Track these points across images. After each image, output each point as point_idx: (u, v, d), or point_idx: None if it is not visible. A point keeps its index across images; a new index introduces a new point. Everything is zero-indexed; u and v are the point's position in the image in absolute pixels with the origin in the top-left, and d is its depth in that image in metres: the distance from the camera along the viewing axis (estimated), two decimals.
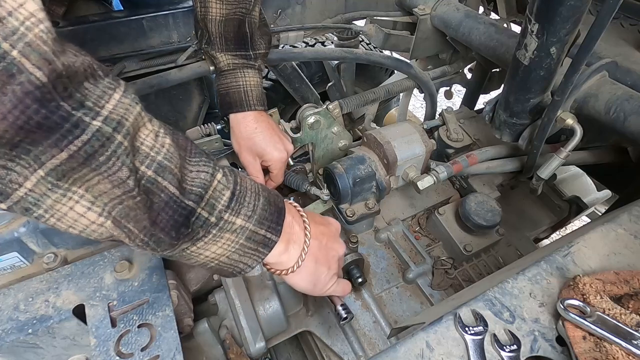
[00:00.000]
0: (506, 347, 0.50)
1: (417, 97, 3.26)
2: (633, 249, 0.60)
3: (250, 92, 0.92)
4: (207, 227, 0.50)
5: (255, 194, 0.55)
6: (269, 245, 0.57)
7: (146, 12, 1.05)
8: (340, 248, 0.70)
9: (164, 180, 0.45)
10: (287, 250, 0.60)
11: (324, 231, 0.67)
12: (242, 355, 0.80)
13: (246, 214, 0.53)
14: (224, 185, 0.51)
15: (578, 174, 1.33)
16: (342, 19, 1.33)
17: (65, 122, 0.36)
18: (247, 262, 0.57)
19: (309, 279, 0.65)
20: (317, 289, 0.67)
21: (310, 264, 0.63)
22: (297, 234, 0.61)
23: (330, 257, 0.67)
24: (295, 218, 0.62)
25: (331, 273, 0.68)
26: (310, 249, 0.62)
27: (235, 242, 0.53)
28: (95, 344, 0.55)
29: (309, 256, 0.62)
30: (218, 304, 0.85)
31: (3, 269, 0.67)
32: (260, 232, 0.55)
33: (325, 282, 0.67)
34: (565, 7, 0.68)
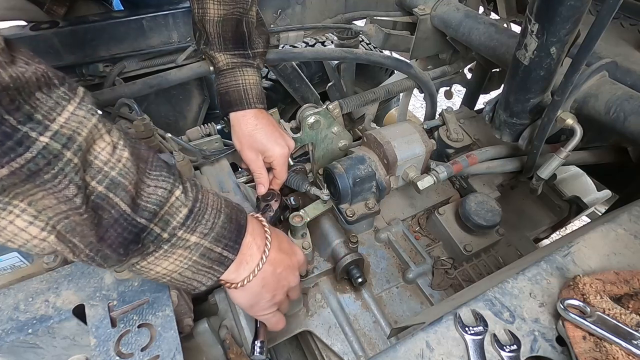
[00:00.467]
0: (506, 347, 0.50)
1: (417, 97, 3.26)
2: (633, 249, 0.60)
3: (249, 90, 0.93)
4: (158, 243, 0.49)
5: (217, 210, 0.54)
6: (225, 263, 0.56)
7: (146, 12, 1.05)
8: (293, 281, 0.69)
9: (116, 197, 0.43)
10: (237, 270, 0.59)
11: (283, 259, 0.65)
12: (242, 355, 0.80)
13: (202, 232, 0.52)
14: (181, 203, 0.49)
15: (578, 174, 1.33)
16: (342, 19, 1.33)
17: (8, 138, 0.34)
18: (201, 280, 0.55)
19: (249, 298, 0.64)
20: (252, 311, 0.67)
21: (256, 286, 0.62)
22: (252, 256, 0.60)
23: (279, 287, 0.66)
24: (256, 239, 0.61)
25: (273, 301, 0.67)
26: (261, 273, 0.61)
27: (188, 259, 0.52)
28: (95, 344, 0.55)
29: (257, 279, 0.61)
30: (218, 304, 0.85)
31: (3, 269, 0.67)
32: (216, 249, 0.54)
33: (263, 308, 0.66)
34: (565, 7, 0.68)
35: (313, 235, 0.95)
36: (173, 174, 0.50)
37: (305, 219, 0.90)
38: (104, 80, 1.07)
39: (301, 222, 0.89)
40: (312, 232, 0.95)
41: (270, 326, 0.72)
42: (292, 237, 0.93)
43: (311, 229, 0.95)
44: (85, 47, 1.01)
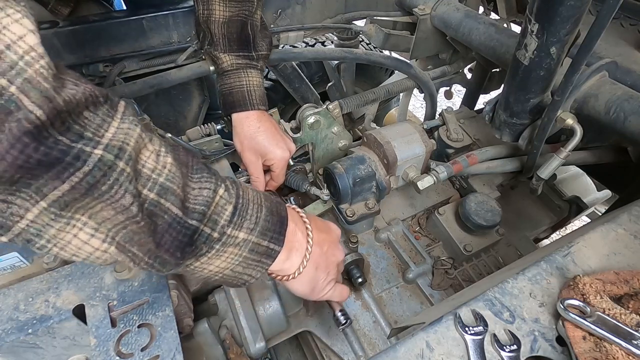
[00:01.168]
0: (506, 347, 0.50)
1: (417, 97, 3.26)
2: (633, 249, 0.60)
3: (253, 91, 0.93)
4: (210, 243, 0.50)
5: (258, 205, 0.55)
6: (272, 255, 0.57)
7: (146, 12, 1.05)
8: (340, 254, 0.70)
9: (167, 202, 0.44)
10: (289, 258, 0.60)
11: (325, 238, 0.67)
12: (242, 355, 0.80)
13: (249, 227, 0.53)
14: (226, 200, 0.50)
15: (578, 174, 1.33)
16: (342, 19, 1.33)
17: (66, 155, 0.35)
18: (251, 273, 0.57)
19: (307, 284, 0.65)
20: (314, 294, 0.67)
21: (310, 270, 0.63)
22: (299, 242, 0.61)
23: (330, 263, 0.67)
24: (298, 225, 0.62)
25: (329, 278, 0.68)
26: (312, 256, 0.62)
27: (238, 255, 0.53)
28: (95, 344, 0.55)
29: (310, 263, 0.62)
30: (218, 304, 0.84)
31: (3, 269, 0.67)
32: (263, 243, 0.55)
33: (322, 287, 0.67)
34: (565, 7, 0.68)
35: None
36: (214, 174, 0.51)
37: None
38: (104, 80, 1.07)
39: None
40: None
41: (338, 299, 0.74)
42: None
43: None
44: (85, 47, 1.01)
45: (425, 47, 1.33)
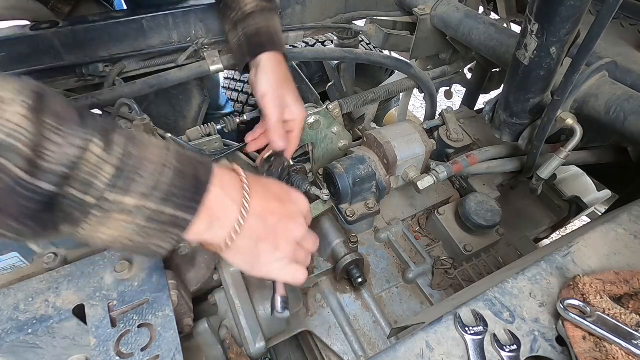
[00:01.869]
0: (506, 347, 0.50)
1: (417, 97, 3.26)
2: (633, 249, 0.60)
3: (278, 34, 0.89)
4: (83, 208, 0.43)
5: (161, 166, 0.47)
6: (182, 225, 0.49)
7: (146, 12, 1.05)
8: (298, 230, 0.61)
9: (6, 161, 0.38)
10: (211, 229, 0.52)
11: (274, 209, 0.58)
12: (242, 355, 0.80)
13: (141, 192, 0.45)
14: (102, 160, 0.43)
15: (578, 174, 1.33)
16: (342, 19, 1.33)
17: None
18: (159, 243, 0.49)
19: (245, 259, 0.58)
20: (256, 270, 0.60)
21: (246, 244, 0.56)
22: (226, 211, 0.53)
23: (280, 238, 0.59)
24: (229, 192, 0.53)
25: (279, 255, 0.60)
26: (247, 228, 0.54)
27: (132, 224, 0.46)
28: (95, 344, 0.55)
29: (244, 235, 0.54)
30: (218, 304, 0.85)
31: (3, 269, 0.67)
32: (166, 211, 0.47)
33: (268, 263, 0.59)
34: (565, 7, 0.68)
35: None
36: (92, 127, 0.43)
37: None
38: (104, 80, 1.07)
39: None
40: None
41: (289, 280, 0.64)
42: None
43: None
44: (85, 47, 1.01)
45: (425, 47, 1.33)
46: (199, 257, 0.78)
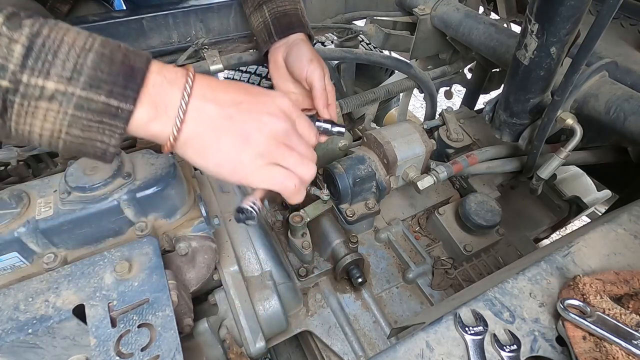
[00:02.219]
0: (506, 347, 0.50)
1: (417, 97, 3.26)
2: (633, 249, 0.60)
3: (305, 16, 0.88)
4: (2, 94, 0.41)
5: (81, 49, 0.43)
6: (121, 115, 0.45)
7: (146, 12, 1.05)
8: (274, 122, 0.53)
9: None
10: (154, 119, 0.48)
11: (236, 98, 0.52)
12: (242, 355, 0.80)
13: (62, 75, 0.42)
14: (8, 38, 0.40)
15: (578, 174, 1.33)
16: (342, 19, 1.33)
17: None
18: (101, 139, 0.46)
19: (207, 154, 0.51)
20: (223, 170, 0.52)
21: (199, 131, 0.50)
22: (167, 95, 0.48)
23: (250, 130, 0.51)
24: (169, 77, 0.48)
25: (250, 151, 0.52)
26: (195, 115, 0.49)
27: (63, 113, 0.43)
28: (95, 344, 0.55)
29: (193, 123, 0.49)
30: (218, 304, 0.85)
31: (3, 269, 0.67)
32: (97, 98, 0.44)
33: (237, 162, 0.52)
34: (565, 7, 0.68)
35: (313, 235, 0.95)
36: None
37: (305, 219, 0.90)
38: None
39: (301, 222, 0.89)
40: (312, 232, 0.95)
41: (271, 186, 0.55)
42: (292, 237, 0.93)
43: (311, 229, 0.95)
44: None
45: (425, 47, 1.33)
46: (199, 257, 0.78)
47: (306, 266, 0.95)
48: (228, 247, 0.86)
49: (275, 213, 1.08)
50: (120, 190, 0.68)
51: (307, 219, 0.90)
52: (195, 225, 0.77)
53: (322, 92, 0.77)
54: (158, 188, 0.70)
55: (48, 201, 0.68)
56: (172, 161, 0.74)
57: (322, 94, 0.77)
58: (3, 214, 0.65)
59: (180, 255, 0.75)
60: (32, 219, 0.65)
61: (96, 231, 0.70)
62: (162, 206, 0.73)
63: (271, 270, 0.87)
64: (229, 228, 0.90)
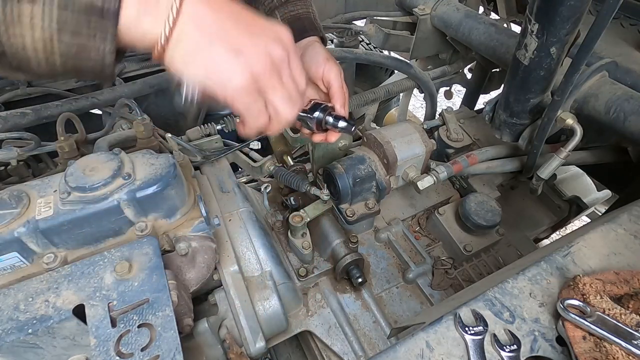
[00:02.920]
0: (506, 347, 0.50)
1: (417, 97, 3.26)
2: (633, 249, 0.60)
3: (317, 20, 0.89)
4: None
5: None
6: (107, 17, 0.43)
7: None
8: (271, 45, 0.50)
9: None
10: (144, 15, 0.45)
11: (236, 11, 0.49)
12: (242, 355, 0.80)
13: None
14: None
15: (578, 174, 1.33)
16: (342, 19, 1.33)
17: None
18: (93, 44, 0.44)
19: (197, 61, 0.48)
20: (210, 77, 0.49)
21: (191, 35, 0.47)
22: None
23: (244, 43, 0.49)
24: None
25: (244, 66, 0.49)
26: (192, 15, 0.46)
27: (48, 15, 0.41)
28: (95, 344, 0.55)
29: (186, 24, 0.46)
30: (218, 304, 0.85)
31: (3, 269, 0.67)
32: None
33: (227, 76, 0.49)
34: (565, 7, 0.68)
35: (313, 235, 0.95)
36: None
37: (305, 219, 0.90)
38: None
39: (301, 222, 0.89)
40: (312, 232, 0.95)
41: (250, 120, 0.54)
42: (292, 237, 0.93)
43: (311, 229, 0.95)
44: None
45: (425, 47, 1.34)
46: (199, 257, 0.78)
47: (306, 266, 0.95)
48: (228, 247, 0.86)
49: (275, 213, 1.08)
50: (120, 190, 0.68)
51: (307, 219, 0.90)
52: (195, 225, 0.77)
53: (340, 90, 0.75)
54: (158, 188, 0.70)
55: (48, 201, 0.68)
56: (172, 161, 0.74)
57: (341, 92, 0.75)
58: (3, 214, 0.65)
59: (180, 255, 0.75)
60: (32, 219, 0.65)
61: (96, 231, 0.70)
62: (162, 206, 0.73)
63: (271, 270, 0.87)
64: (229, 228, 0.90)
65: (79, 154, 0.93)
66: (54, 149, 0.92)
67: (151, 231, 0.72)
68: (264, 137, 1.00)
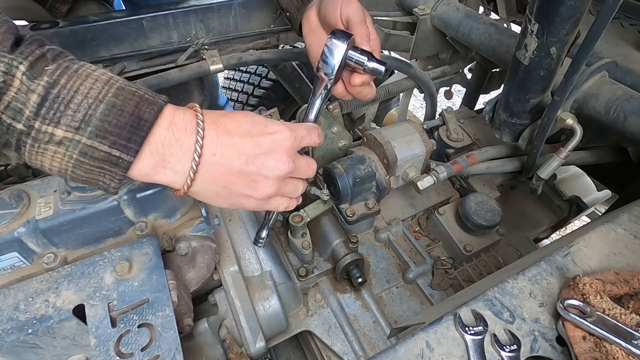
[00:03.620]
0: (506, 347, 0.50)
1: (417, 97, 3.26)
2: (633, 249, 0.60)
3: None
4: (16, 135, 0.45)
5: (94, 100, 0.45)
6: (120, 164, 0.48)
7: (146, 12, 1.05)
8: (277, 166, 0.56)
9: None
10: (160, 172, 0.51)
11: (242, 149, 0.54)
12: (242, 355, 0.80)
13: (71, 125, 0.45)
14: (27, 88, 0.43)
15: (578, 174, 1.33)
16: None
17: None
18: (102, 180, 0.49)
19: (217, 200, 0.57)
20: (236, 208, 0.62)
21: (209, 187, 0.54)
22: (175, 155, 0.50)
23: (256, 179, 0.56)
24: (178, 134, 0.50)
25: (257, 195, 0.57)
26: (206, 174, 0.52)
27: (68, 157, 0.46)
28: (95, 344, 0.55)
29: (204, 181, 0.53)
30: (218, 304, 0.85)
31: (3, 269, 0.67)
32: (100, 148, 0.46)
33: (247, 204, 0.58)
34: (565, 7, 0.68)
35: (313, 235, 0.95)
36: (23, 54, 0.43)
37: (305, 219, 0.90)
38: None
39: (301, 222, 0.89)
40: (312, 232, 0.95)
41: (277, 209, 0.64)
42: (292, 237, 0.93)
43: (311, 229, 0.95)
44: (85, 47, 1.01)
45: (425, 47, 1.33)
46: (199, 257, 0.78)
47: (306, 266, 0.95)
48: (228, 247, 0.86)
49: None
50: (120, 190, 0.68)
51: (307, 219, 0.90)
52: (195, 225, 0.77)
53: (363, 25, 0.71)
54: (158, 188, 0.70)
55: (48, 201, 0.68)
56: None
57: (363, 26, 0.71)
58: (3, 214, 0.65)
59: (180, 255, 0.75)
60: (32, 219, 0.65)
61: (96, 231, 0.70)
62: (162, 206, 0.73)
63: (271, 270, 0.87)
64: (229, 228, 0.90)
65: None
66: None
67: (151, 231, 0.72)
68: None
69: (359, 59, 0.63)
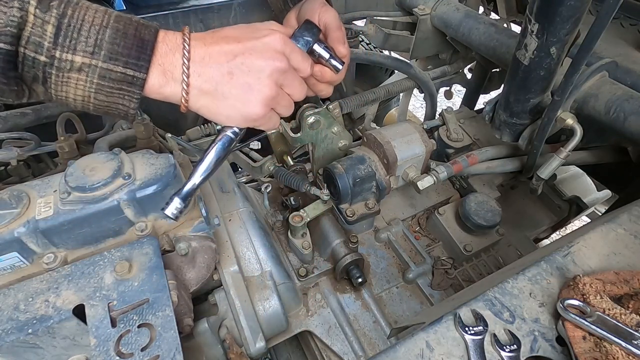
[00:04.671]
0: (506, 347, 0.50)
1: (417, 97, 3.26)
2: (633, 249, 0.60)
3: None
4: (41, 67, 0.49)
5: (99, 26, 0.50)
6: (136, 83, 0.53)
7: (146, 12, 1.05)
8: (267, 64, 0.57)
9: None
10: (167, 84, 0.55)
11: (229, 50, 0.56)
12: (242, 355, 0.80)
13: (86, 50, 0.50)
14: (41, 20, 0.48)
15: (578, 174, 1.33)
16: (342, 19, 1.33)
17: None
18: (123, 102, 0.54)
19: (219, 108, 0.58)
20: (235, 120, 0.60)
21: (205, 88, 0.56)
22: (173, 63, 0.55)
23: (250, 79, 0.57)
24: (171, 45, 0.55)
25: (256, 99, 0.58)
26: (199, 75, 0.55)
27: (89, 82, 0.51)
28: (95, 344, 0.55)
29: (198, 83, 0.55)
30: (218, 304, 0.85)
31: (3, 269, 0.67)
32: (115, 69, 0.51)
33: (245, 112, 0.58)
34: (565, 7, 0.68)
35: (313, 235, 0.95)
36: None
37: (305, 219, 0.90)
38: None
39: (301, 222, 0.89)
40: (312, 232, 0.95)
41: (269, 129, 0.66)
42: (292, 237, 0.93)
43: (311, 229, 0.95)
44: None
45: (425, 47, 1.33)
46: (199, 257, 0.78)
47: (306, 266, 0.95)
48: (228, 247, 0.86)
49: (275, 213, 1.08)
50: (120, 190, 0.68)
51: (307, 219, 0.90)
52: (195, 225, 0.77)
53: (339, 30, 0.75)
54: (158, 188, 0.70)
55: (48, 201, 0.68)
56: (172, 161, 0.74)
57: (339, 31, 0.75)
58: (3, 214, 0.65)
59: (180, 255, 0.75)
60: (32, 219, 0.65)
61: (96, 231, 0.70)
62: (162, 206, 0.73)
63: (271, 270, 0.87)
64: (229, 228, 0.90)
65: (79, 154, 0.93)
66: (54, 149, 0.92)
67: (151, 231, 0.72)
68: (264, 137, 1.00)
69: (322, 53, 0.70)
